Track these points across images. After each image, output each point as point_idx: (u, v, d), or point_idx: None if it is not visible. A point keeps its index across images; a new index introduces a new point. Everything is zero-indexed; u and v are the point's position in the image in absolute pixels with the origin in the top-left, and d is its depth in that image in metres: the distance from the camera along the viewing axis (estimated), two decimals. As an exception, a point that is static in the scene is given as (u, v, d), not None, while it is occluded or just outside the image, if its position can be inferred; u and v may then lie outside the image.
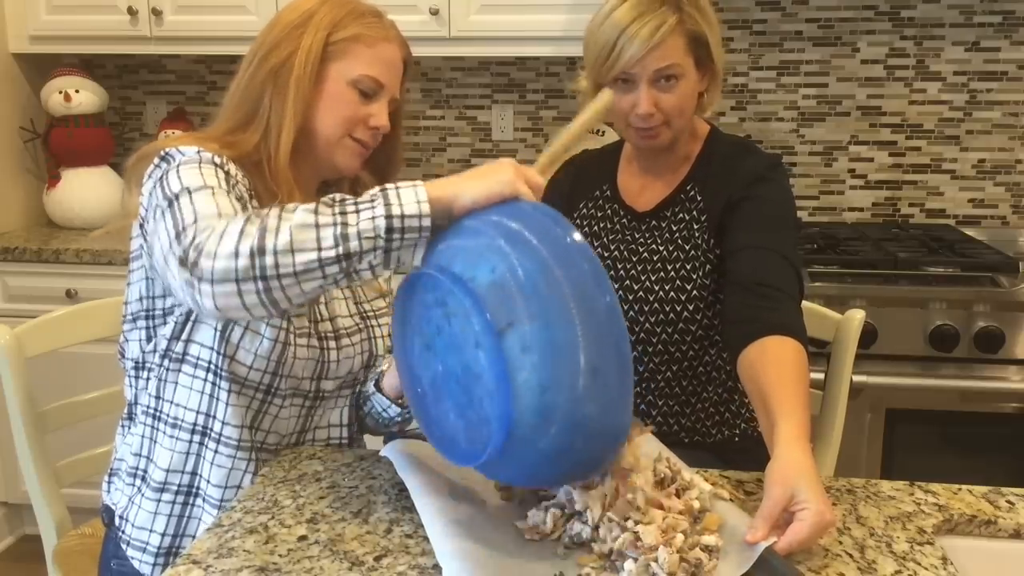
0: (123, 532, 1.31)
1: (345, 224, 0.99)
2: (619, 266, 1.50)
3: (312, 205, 1.02)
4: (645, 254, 1.49)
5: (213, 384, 1.25)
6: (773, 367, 1.19)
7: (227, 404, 1.25)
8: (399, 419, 1.36)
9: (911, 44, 2.68)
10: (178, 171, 1.15)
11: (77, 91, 2.77)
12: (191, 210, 1.09)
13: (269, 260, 0.99)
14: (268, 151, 1.27)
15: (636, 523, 0.97)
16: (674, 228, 1.48)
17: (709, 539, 0.97)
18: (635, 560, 0.93)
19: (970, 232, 2.62)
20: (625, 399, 0.96)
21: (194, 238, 1.03)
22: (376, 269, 1.02)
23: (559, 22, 2.51)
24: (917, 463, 2.20)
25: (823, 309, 1.65)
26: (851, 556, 1.01)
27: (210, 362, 1.24)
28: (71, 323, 1.59)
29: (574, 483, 1.03)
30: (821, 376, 1.62)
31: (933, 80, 2.69)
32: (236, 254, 0.99)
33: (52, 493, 1.52)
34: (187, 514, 1.28)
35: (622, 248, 1.51)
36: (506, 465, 0.98)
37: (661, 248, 1.48)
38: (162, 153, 1.21)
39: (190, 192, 1.12)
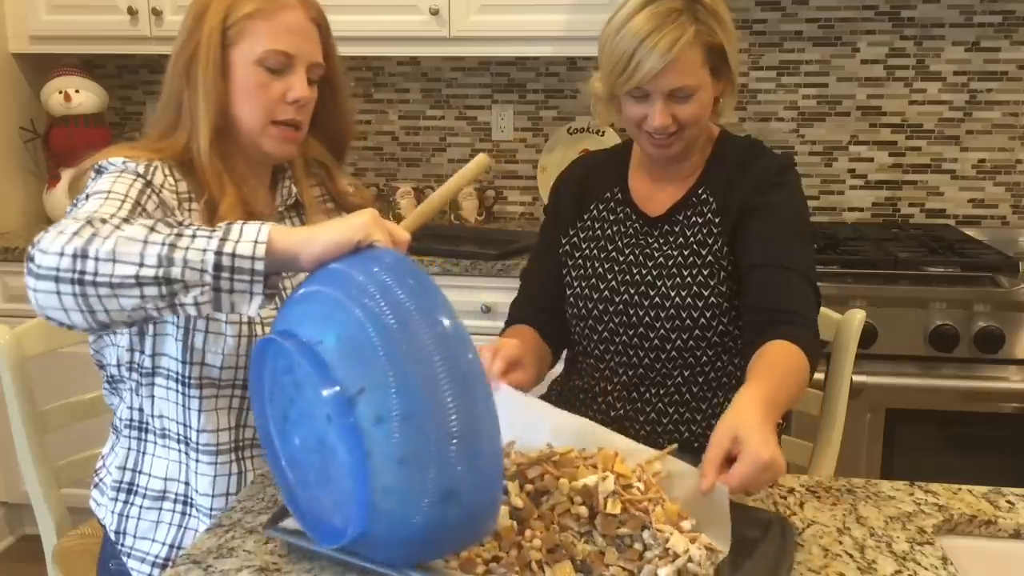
0: (123, 545, 1.30)
1: (174, 247, 0.96)
2: (634, 271, 1.49)
3: (151, 221, 1.00)
4: (660, 259, 1.48)
5: (183, 395, 1.24)
6: (765, 357, 1.24)
7: (199, 412, 1.24)
8: None
9: (911, 44, 2.68)
10: (96, 180, 1.16)
11: (77, 91, 2.77)
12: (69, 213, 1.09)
13: (90, 266, 0.97)
14: (195, 149, 1.24)
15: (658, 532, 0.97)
16: (688, 233, 1.47)
17: (686, 524, 0.99)
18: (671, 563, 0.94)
19: (970, 232, 2.61)
20: (496, 463, 0.87)
21: (43, 235, 1.01)
22: (202, 307, 0.98)
23: (559, 22, 2.51)
24: (917, 463, 2.19)
25: (823, 309, 1.64)
26: (851, 556, 1.01)
27: (178, 373, 1.24)
28: (71, 323, 1.59)
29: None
30: (821, 376, 1.62)
31: (933, 80, 2.69)
32: (61, 253, 0.97)
33: (52, 493, 1.52)
34: (184, 524, 1.28)
35: (636, 253, 1.50)
36: (378, 545, 0.89)
37: (676, 253, 1.47)
38: (96, 166, 1.21)
39: (87, 198, 1.12)
